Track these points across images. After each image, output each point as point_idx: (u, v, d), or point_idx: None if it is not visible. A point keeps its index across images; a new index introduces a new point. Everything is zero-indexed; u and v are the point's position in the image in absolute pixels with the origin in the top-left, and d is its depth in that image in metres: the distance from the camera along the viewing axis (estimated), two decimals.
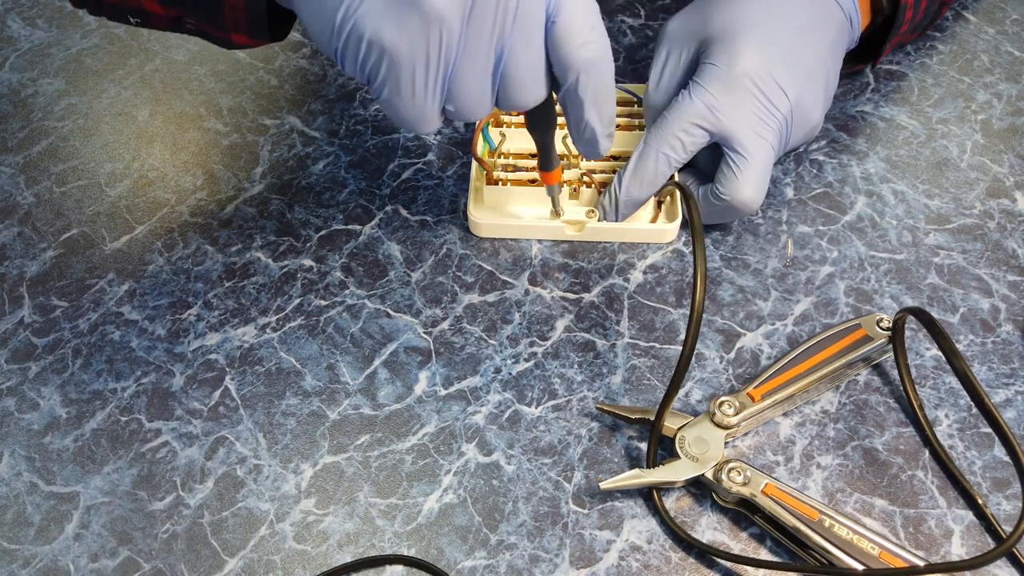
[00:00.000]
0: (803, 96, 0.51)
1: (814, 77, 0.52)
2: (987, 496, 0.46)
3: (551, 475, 0.47)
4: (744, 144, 0.50)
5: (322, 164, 0.59)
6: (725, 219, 0.54)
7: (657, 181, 0.52)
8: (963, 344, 0.51)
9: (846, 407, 0.49)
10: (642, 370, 0.50)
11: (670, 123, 0.51)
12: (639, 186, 0.52)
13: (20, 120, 0.62)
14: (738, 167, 0.51)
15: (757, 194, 0.51)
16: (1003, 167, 0.59)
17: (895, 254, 0.55)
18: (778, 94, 0.50)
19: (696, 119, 0.50)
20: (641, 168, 0.52)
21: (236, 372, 0.50)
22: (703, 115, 0.50)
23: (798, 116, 0.52)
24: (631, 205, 0.53)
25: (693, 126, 0.50)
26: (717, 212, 0.53)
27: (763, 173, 0.51)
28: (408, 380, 0.50)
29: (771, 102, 0.50)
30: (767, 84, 0.50)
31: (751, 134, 0.50)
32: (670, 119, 0.51)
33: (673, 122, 0.51)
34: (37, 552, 0.44)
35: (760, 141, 0.50)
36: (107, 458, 0.47)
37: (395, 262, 0.55)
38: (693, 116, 0.50)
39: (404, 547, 0.44)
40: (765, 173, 0.51)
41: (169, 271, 0.54)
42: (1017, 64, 0.66)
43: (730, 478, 0.44)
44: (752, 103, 0.50)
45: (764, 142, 0.51)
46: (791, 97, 0.51)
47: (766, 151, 0.51)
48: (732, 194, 0.51)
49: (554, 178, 0.51)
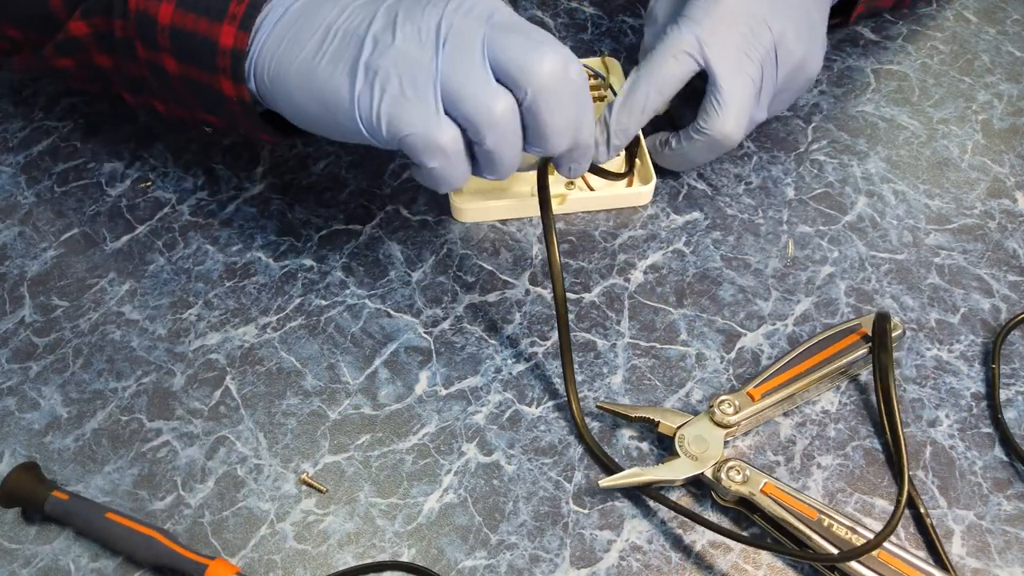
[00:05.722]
0: (786, 32, 0.53)
1: (798, 16, 0.54)
2: (987, 496, 0.46)
3: (551, 475, 0.47)
4: (726, 77, 0.52)
5: (323, 164, 0.60)
6: (708, 157, 0.56)
7: (647, 111, 0.53)
8: (963, 344, 0.51)
9: (847, 407, 0.49)
10: (642, 370, 0.50)
11: (660, 53, 0.52)
12: (628, 115, 0.53)
13: (21, 120, 0.62)
14: (720, 101, 0.52)
15: (737, 128, 0.53)
16: (1004, 167, 0.59)
17: (896, 254, 0.55)
18: (761, 28, 0.52)
19: (685, 47, 0.52)
20: (632, 98, 0.53)
21: (237, 372, 0.50)
22: (691, 44, 0.52)
23: (782, 52, 0.53)
24: (622, 135, 0.53)
25: (683, 54, 0.52)
26: (700, 149, 0.54)
27: (744, 107, 0.52)
28: (408, 380, 0.50)
29: (753, 34, 0.52)
30: (750, 17, 0.52)
31: (734, 67, 0.52)
32: (660, 49, 0.53)
33: (663, 51, 0.52)
34: (38, 551, 0.44)
35: (742, 75, 0.52)
36: (108, 458, 0.47)
37: (396, 262, 0.55)
38: (682, 45, 0.52)
39: (404, 547, 0.44)
40: (746, 107, 0.53)
41: (170, 271, 0.54)
42: (1018, 64, 0.65)
43: (729, 477, 0.44)
44: (735, 36, 0.52)
45: (746, 76, 0.52)
46: (774, 31, 0.52)
47: (747, 85, 0.52)
48: (713, 128, 0.52)
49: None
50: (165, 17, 0.47)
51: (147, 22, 0.47)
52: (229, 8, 0.46)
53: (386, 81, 0.43)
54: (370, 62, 0.43)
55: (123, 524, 0.43)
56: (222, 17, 0.46)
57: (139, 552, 0.43)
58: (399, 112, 0.43)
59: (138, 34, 0.48)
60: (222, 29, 0.46)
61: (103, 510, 0.44)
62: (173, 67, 0.48)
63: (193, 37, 0.47)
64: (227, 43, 0.46)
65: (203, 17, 0.47)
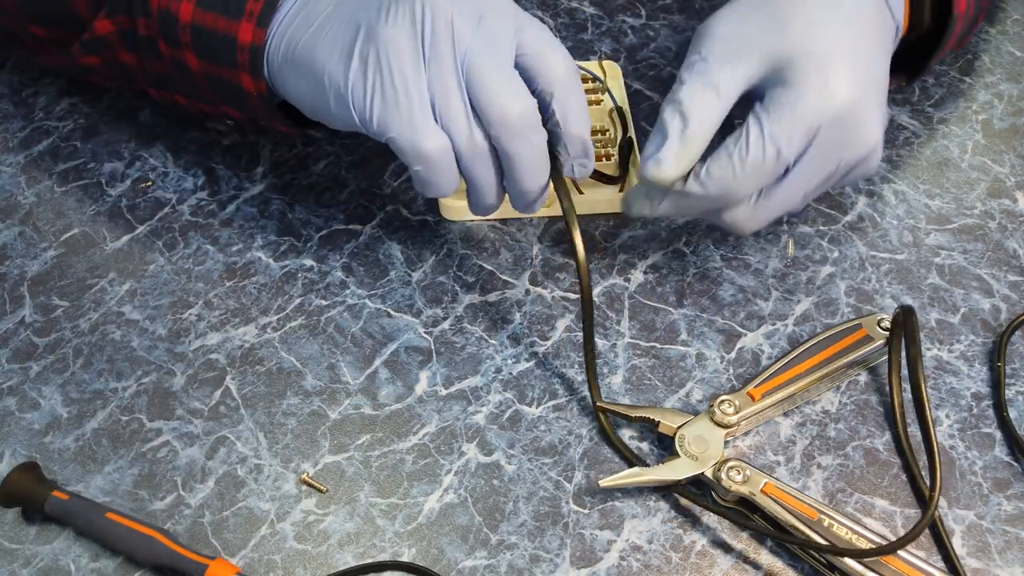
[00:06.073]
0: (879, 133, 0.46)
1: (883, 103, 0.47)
2: (987, 496, 0.46)
3: (552, 475, 0.47)
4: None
5: (323, 164, 0.60)
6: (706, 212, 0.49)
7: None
8: (964, 344, 0.51)
9: (847, 407, 0.49)
10: (643, 370, 0.50)
11: (741, 181, 0.45)
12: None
13: (21, 120, 0.62)
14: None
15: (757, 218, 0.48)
16: (1004, 167, 0.59)
17: (896, 254, 0.55)
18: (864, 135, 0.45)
19: (768, 176, 0.45)
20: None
21: (237, 372, 0.50)
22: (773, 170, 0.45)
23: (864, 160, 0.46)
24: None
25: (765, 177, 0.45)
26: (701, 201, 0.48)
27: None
28: (409, 380, 0.50)
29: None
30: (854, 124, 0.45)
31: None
32: (741, 177, 0.45)
33: (745, 181, 0.45)
34: (38, 551, 0.44)
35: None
36: (108, 458, 0.47)
37: (396, 262, 0.55)
38: (767, 173, 0.45)
39: (405, 547, 0.44)
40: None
41: (170, 271, 0.54)
42: (1018, 64, 0.65)
43: (729, 477, 0.44)
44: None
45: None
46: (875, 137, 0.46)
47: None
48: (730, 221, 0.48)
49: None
50: (186, 15, 0.48)
51: (169, 20, 0.48)
52: (247, 6, 0.47)
53: (376, 75, 0.44)
54: (363, 50, 0.44)
55: (123, 524, 0.43)
56: (240, 15, 0.47)
57: (139, 552, 0.43)
58: (385, 114, 0.44)
59: (161, 32, 0.49)
60: (240, 26, 0.47)
61: (103, 510, 0.44)
62: (195, 63, 0.49)
63: (213, 35, 0.48)
64: (245, 40, 0.47)
65: (222, 16, 0.47)
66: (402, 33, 0.43)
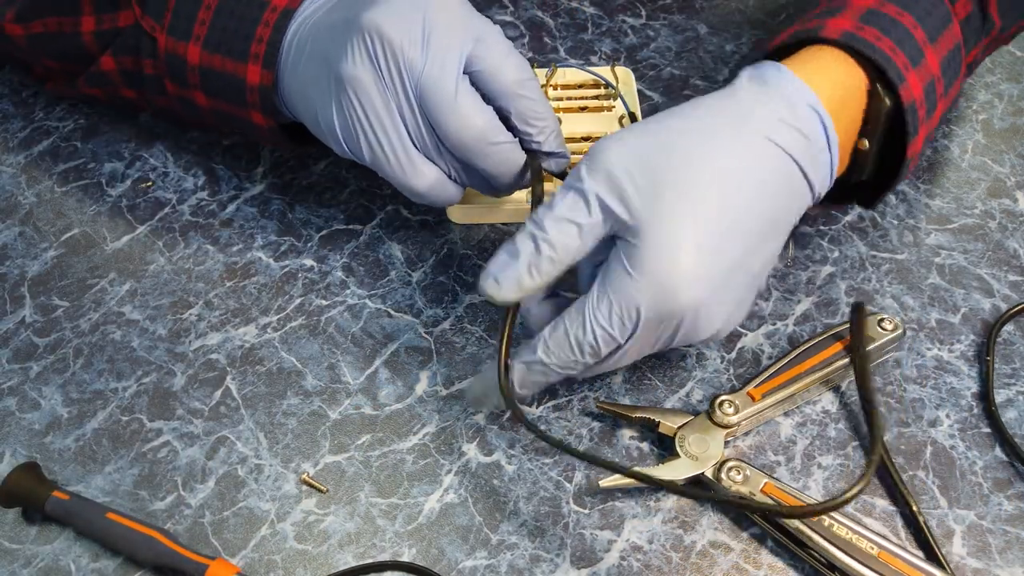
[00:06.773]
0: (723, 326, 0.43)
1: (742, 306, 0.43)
2: (987, 496, 0.46)
3: (552, 475, 0.47)
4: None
5: (323, 164, 0.60)
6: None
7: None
8: (964, 344, 0.51)
9: (847, 407, 0.49)
10: (643, 370, 0.50)
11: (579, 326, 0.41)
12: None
13: (21, 120, 0.62)
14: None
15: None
16: (1004, 167, 0.59)
17: (896, 254, 0.55)
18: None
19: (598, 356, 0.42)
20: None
21: (237, 372, 0.50)
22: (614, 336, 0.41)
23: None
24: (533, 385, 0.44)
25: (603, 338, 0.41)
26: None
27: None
28: (409, 380, 0.50)
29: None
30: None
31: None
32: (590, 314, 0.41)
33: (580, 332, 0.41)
34: (38, 552, 0.44)
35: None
36: (108, 458, 0.47)
37: (396, 262, 0.55)
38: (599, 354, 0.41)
39: (405, 547, 0.44)
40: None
41: (170, 271, 0.54)
42: (1018, 64, 0.65)
43: (729, 477, 0.44)
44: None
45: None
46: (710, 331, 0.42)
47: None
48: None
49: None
50: (194, 58, 0.50)
51: (177, 63, 0.50)
52: (251, 48, 0.48)
53: (355, 120, 0.45)
54: (337, 94, 0.45)
55: (124, 524, 0.43)
56: (245, 57, 0.48)
57: (140, 552, 0.43)
58: (375, 160, 0.46)
59: (168, 73, 0.51)
60: (247, 68, 0.48)
61: (104, 510, 0.44)
62: (204, 101, 0.51)
63: (222, 76, 0.49)
64: (254, 81, 0.48)
65: (228, 58, 0.49)
66: (363, 71, 0.44)
